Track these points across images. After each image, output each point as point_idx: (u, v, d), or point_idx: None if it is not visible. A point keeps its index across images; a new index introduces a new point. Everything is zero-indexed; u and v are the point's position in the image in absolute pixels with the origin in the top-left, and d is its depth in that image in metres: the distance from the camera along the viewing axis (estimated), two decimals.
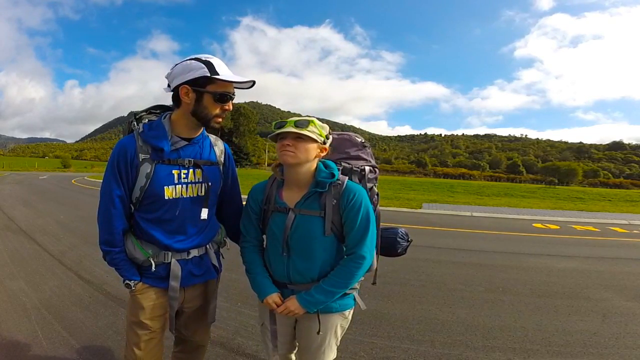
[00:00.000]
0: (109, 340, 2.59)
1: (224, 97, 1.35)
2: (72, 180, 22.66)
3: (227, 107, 1.38)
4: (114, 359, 2.37)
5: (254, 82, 1.39)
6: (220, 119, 1.39)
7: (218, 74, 1.30)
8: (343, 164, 1.52)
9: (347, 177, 1.44)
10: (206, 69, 1.30)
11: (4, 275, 3.92)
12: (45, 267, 4.27)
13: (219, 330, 2.71)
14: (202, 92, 1.33)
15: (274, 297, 1.43)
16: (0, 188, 15.33)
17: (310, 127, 1.34)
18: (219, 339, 2.63)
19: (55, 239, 5.70)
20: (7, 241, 5.51)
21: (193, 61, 1.31)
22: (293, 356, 1.69)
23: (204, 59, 1.32)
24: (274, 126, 1.39)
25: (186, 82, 1.32)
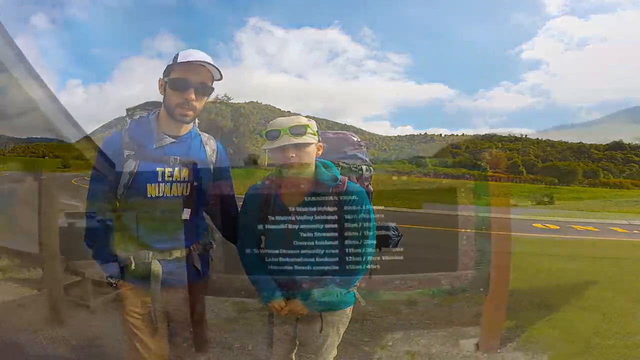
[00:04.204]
0: (109, 340, 2.59)
1: (180, 83, 1.30)
2: (72, 180, 22.65)
3: (187, 97, 1.32)
4: (114, 359, 2.37)
5: (217, 69, 1.34)
6: (183, 111, 1.33)
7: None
8: (341, 164, 1.53)
9: (347, 178, 1.44)
10: (172, 60, 1.31)
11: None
12: (44, 266, 4.26)
13: (218, 330, 2.71)
14: (165, 82, 1.33)
15: (278, 300, 1.43)
16: (0, 188, 15.32)
17: (308, 132, 1.33)
18: (218, 338, 2.63)
19: None
20: None
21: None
22: (293, 355, 1.69)
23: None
24: (265, 135, 1.34)
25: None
